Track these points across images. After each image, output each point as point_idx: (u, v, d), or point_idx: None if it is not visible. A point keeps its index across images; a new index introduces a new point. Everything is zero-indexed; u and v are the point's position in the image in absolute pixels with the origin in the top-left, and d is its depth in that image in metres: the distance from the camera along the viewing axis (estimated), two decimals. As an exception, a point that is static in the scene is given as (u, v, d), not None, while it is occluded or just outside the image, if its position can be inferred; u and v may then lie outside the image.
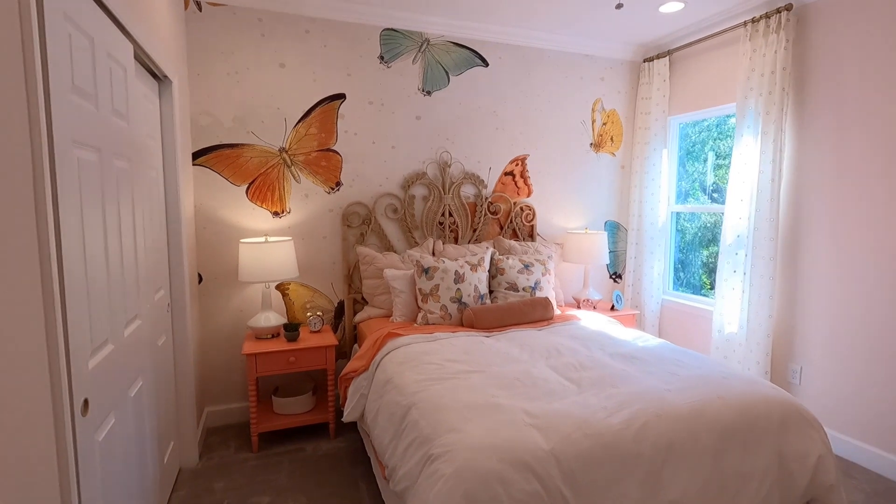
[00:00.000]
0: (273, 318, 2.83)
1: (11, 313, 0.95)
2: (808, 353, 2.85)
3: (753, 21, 2.93)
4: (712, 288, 3.65)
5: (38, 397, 1.03)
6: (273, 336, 2.85)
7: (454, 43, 3.37)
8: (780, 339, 2.99)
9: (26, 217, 1.01)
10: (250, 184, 3.00)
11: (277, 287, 3.11)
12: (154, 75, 2.23)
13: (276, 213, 3.07)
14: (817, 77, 2.75)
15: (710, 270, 3.68)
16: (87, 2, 1.36)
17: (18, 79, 0.99)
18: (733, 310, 3.11)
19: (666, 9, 3.11)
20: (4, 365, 0.92)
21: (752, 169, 2.98)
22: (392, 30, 3.21)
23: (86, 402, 1.25)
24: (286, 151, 3.06)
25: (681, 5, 3.07)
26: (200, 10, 2.81)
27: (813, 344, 2.82)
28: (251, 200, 3.01)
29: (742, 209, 3.04)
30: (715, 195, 3.60)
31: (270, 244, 2.74)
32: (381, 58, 3.21)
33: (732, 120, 3.41)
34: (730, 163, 3.40)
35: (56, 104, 1.15)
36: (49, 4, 1.12)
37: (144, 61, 2.02)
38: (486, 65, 3.47)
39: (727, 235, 3.12)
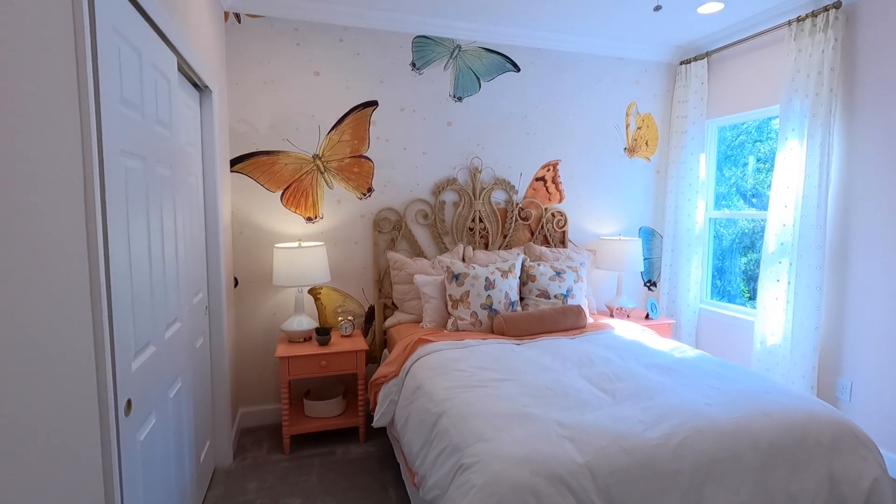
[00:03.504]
0: (305, 322, 2.87)
1: (62, 316, 0.98)
2: (859, 367, 2.70)
3: (799, 20, 2.82)
4: (751, 297, 3.51)
5: (85, 398, 1.07)
6: (305, 340, 2.89)
7: (486, 49, 3.36)
8: (828, 352, 2.84)
9: (77, 223, 1.05)
10: (285, 190, 3.06)
11: (310, 291, 3.16)
12: (195, 85, 2.31)
13: (309, 219, 3.12)
14: (868, 78, 2.62)
15: (749, 278, 3.54)
16: (136, 16, 1.42)
17: (72, 91, 1.04)
18: (776, 321, 2.97)
19: (704, 10, 3.02)
20: (55, 366, 0.96)
21: (797, 174, 2.85)
22: (424, 37, 3.23)
23: (129, 402, 1.29)
24: (320, 158, 3.11)
25: (720, 6, 2.97)
26: (240, 21, 2.90)
27: (865, 358, 2.67)
28: (285, 206, 3.07)
29: (786, 216, 2.91)
30: (754, 200, 3.47)
31: (303, 249, 2.78)
32: (413, 65, 3.23)
33: (775, 122, 3.28)
34: (770, 167, 3.28)
35: (106, 115, 1.19)
36: (101, 20, 1.17)
37: (187, 72, 2.09)
38: (518, 70, 3.45)
39: (770, 243, 2.99)
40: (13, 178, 0.83)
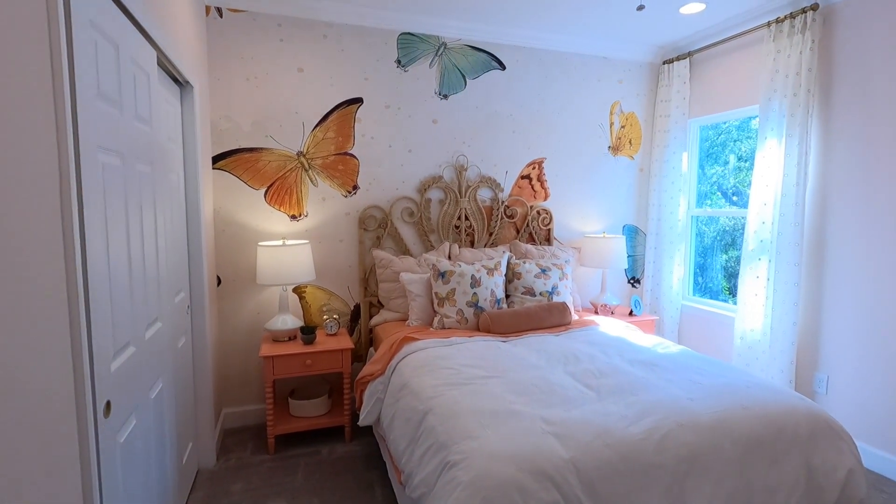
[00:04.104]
0: (290, 321, 2.85)
1: (37, 316, 0.96)
2: (835, 361, 2.77)
3: (777, 21, 2.87)
4: (731, 293, 3.57)
5: (62, 400, 1.04)
6: (290, 339, 2.87)
7: (471, 46, 3.36)
8: (806, 347, 2.91)
9: (52, 221, 1.03)
10: (268, 187, 3.03)
11: (294, 290, 3.13)
12: (176, 81, 2.26)
13: (293, 217, 3.09)
14: (844, 78, 2.68)
15: (730, 275, 3.60)
16: (114, 9, 1.39)
17: (46, 85, 1.01)
18: (756, 316, 3.03)
19: (687, 10, 3.06)
20: (30, 368, 0.93)
21: (775, 172, 2.91)
22: (409, 34, 3.22)
23: (108, 404, 1.27)
24: (304, 155, 3.08)
25: (702, 6, 3.02)
26: (221, 16, 2.85)
27: (841, 352, 2.74)
28: (269, 204, 3.04)
29: (765, 213, 2.97)
30: (735, 198, 3.53)
31: (288, 247, 2.76)
32: (398, 62, 3.22)
33: (755, 122, 3.34)
34: (751, 165, 3.34)
35: (82, 110, 1.16)
36: (76, 12, 1.14)
37: (167, 67, 2.05)
38: (503, 68, 3.46)
39: (749, 240, 3.05)
40: (-16, 175, 0.81)
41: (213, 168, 2.91)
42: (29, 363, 0.92)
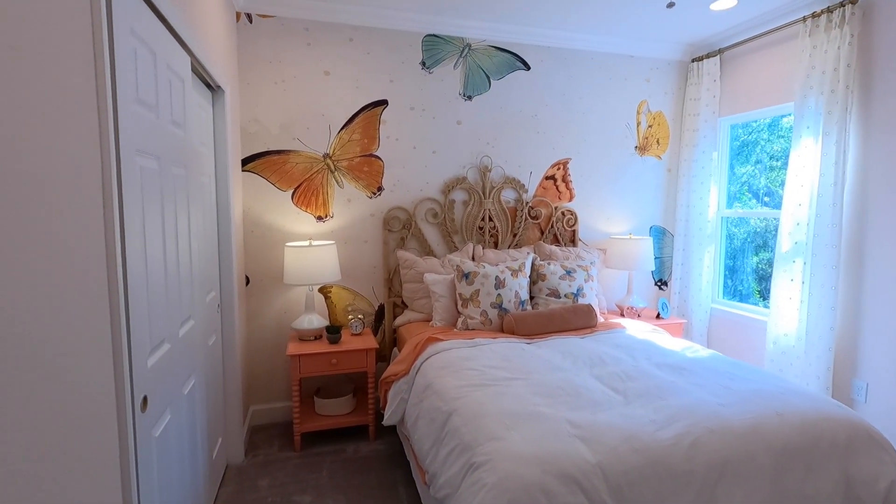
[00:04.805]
0: (316, 321, 2.89)
1: (81, 313, 1.00)
2: (875, 368, 2.66)
3: (814, 16, 2.78)
4: (762, 296, 3.47)
5: (102, 394, 1.09)
6: (316, 338, 2.91)
7: (495, 47, 3.36)
8: (843, 353, 2.81)
9: (95, 222, 1.07)
10: (295, 189, 3.08)
11: (320, 290, 3.18)
12: (208, 85, 2.33)
13: (319, 218, 3.14)
14: (886, 74, 2.57)
15: (761, 278, 3.50)
16: (151, 17, 1.44)
17: (90, 91, 1.05)
18: (790, 321, 2.94)
19: (717, 6, 2.99)
20: (74, 363, 0.97)
21: (811, 172, 2.82)
22: (434, 36, 3.23)
23: (145, 399, 1.31)
24: (330, 157, 3.12)
25: (733, 2, 2.94)
26: (251, 21, 2.92)
27: (881, 359, 2.63)
28: (296, 205, 3.09)
29: (800, 214, 2.87)
30: (766, 199, 3.43)
31: (314, 248, 2.80)
32: (423, 63, 3.24)
33: (785, 120, 3.24)
34: (782, 165, 3.25)
35: (122, 115, 1.21)
36: (118, 21, 1.18)
37: (200, 72, 2.11)
38: (528, 68, 3.44)
39: (783, 242, 2.96)
40: (33, 178, 0.85)
41: (243, 170, 2.98)
42: (73, 359, 0.97)
